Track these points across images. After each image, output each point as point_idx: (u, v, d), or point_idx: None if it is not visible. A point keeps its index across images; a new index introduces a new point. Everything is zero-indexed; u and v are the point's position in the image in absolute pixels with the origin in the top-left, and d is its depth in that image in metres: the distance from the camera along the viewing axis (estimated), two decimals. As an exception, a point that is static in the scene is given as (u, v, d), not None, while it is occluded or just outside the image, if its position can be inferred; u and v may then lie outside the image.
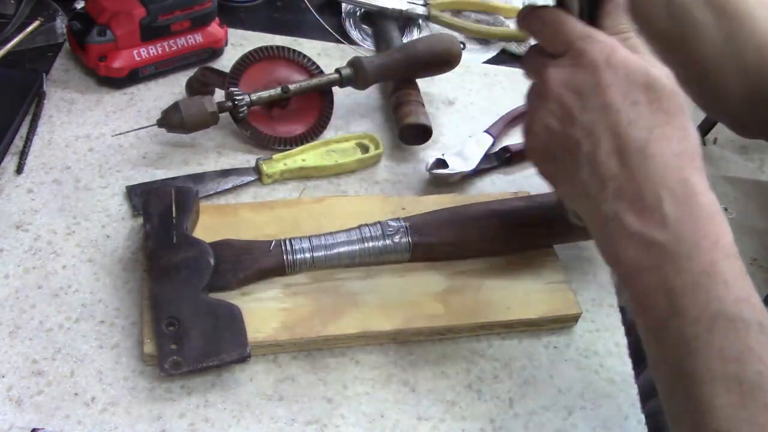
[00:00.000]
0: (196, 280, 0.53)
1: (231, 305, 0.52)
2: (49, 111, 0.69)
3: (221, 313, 0.52)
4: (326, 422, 0.52)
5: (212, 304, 0.52)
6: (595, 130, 0.43)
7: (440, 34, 0.77)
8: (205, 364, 0.50)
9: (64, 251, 0.58)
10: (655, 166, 0.42)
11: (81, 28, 0.71)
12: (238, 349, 0.50)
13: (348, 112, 0.76)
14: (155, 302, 0.52)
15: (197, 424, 0.50)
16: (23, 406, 0.49)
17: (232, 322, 0.51)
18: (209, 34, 0.76)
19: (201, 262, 0.53)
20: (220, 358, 0.50)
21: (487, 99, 0.82)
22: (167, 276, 0.53)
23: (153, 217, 0.56)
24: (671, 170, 0.42)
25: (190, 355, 0.49)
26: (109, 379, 0.51)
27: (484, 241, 0.60)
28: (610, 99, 0.43)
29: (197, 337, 0.50)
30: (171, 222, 0.55)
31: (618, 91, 0.43)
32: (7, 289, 0.55)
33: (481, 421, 0.54)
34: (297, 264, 0.55)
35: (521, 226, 0.61)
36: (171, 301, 0.52)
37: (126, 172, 0.65)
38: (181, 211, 0.56)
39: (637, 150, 0.42)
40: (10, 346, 0.52)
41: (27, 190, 0.62)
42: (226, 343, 0.50)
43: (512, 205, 0.63)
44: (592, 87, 0.43)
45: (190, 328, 0.50)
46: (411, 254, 0.58)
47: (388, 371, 0.55)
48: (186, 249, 0.54)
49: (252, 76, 0.71)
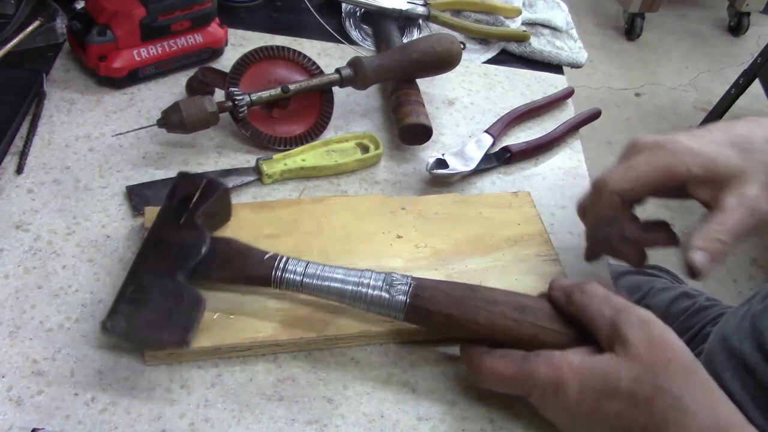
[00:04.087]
0: (181, 262, 0.53)
1: (198, 295, 0.52)
2: (49, 111, 0.69)
3: (185, 298, 0.52)
4: (326, 422, 0.52)
5: (182, 288, 0.52)
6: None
7: (440, 34, 0.77)
8: (142, 338, 0.51)
9: (64, 251, 0.58)
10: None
11: (81, 28, 0.71)
12: (179, 335, 0.50)
13: (348, 112, 0.76)
14: (135, 267, 0.54)
15: (197, 424, 0.50)
16: (23, 406, 0.49)
17: (190, 310, 0.51)
18: (209, 34, 0.76)
19: (193, 248, 0.54)
20: (160, 338, 0.50)
21: (487, 99, 0.82)
22: (157, 250, 0.54)
23: (175, 197, 0.57)
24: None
25: (134, 324, 0.50)
26: (109, 379, 0.51)
27: (488, 327, 0.52)
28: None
29: (151, 311, 0.51)
30: (187, 206, 0.57)
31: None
32: (7, 289, 0.55)
33: (481, 421, 0.54)
34: (284, 282, 0.54)
35: (534, 325, 0.52)
36: (148, 272, 0.53)
37: (126, 172, 0.65)
38: (201, 200, 0.57)
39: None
40: (10, 346, 0.52)
41: (27, 190, 0.62)
42: (172, 326, 0.51)
43: (537, 305, 0.53)
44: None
45: (150, 302, 0.51)
46: (405, 314, 0.53)
47: (388, 371, 0.55)
48: (186, 233, 0.55)
49: (252, 76, 0.71)
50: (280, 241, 0.60)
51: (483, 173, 0.73)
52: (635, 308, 0.49)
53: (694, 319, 0.87)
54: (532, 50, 0.91)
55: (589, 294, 0.51)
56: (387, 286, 0.52)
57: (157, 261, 0.53)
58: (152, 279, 0.52)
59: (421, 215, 0.65)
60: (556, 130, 0.78)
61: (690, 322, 0.86)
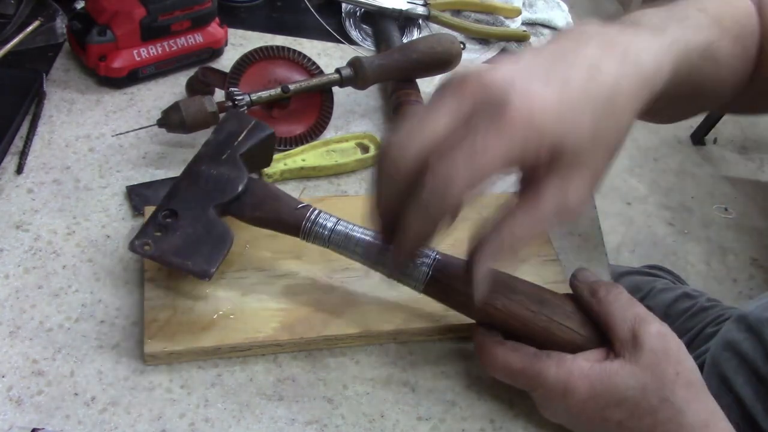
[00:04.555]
0: (216, 195, 0.54)
1: (228, 230, 0.53)
2: (49, 111, 0.69)
3: (215, 231, 0.53)
4: (326, 422, 0.52)
5: (213, 221, 0.53)
6: None
7: (440, 34, 0.77)
8: (168, 260, 0.51)
9: (64, 251, 0.58)
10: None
11: (81, 28, 0.71)
12: (204, 265, 0.51)
13: (348, 112, 0.76)
14: (170, 192, 0.54)
15: (197, 424, 0.50)
16: (23, 406, 0.49)
17: (218, 243, 0.52)
18: (209, 34, 0.76)
19: (231, 184, 0.55)
20: (184, 264, 0.51)
21: (487, 99, 0.82)
22: (196, 179, 0.55)
23: (221, 132, 0.58)
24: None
25: (163, 247, 0.51)
26: (109, 379, 0.51)
27: (504, 313, 0.52)
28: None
29: (180, 237, 0.52)
30: (233, 143, 0.57)
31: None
32: (7, 289, 0.55)
33: (481, 421, 0.54)
34: (312, 234, 0.54)
35: (549, 320, 0.52)
36: (183, 199, 0.54)
37: (126, 172, 0.65)
38: (246, 140, 0.58)
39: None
40: (10, 346, 0.52)
41: (27, 190, 0.62)
42: (198, 256, 0.51)
43: (556, 301, 0.53)
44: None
45: (180, 228, 0.52)
46: (425, 286, 0.53)
47: (388, 371, 0.55)
48: (226, 168, 0.56)
49: (252, 76, 0.71)
50: (280, 241, 0.60)
51: (483, 173, 0.73)
52: (656, 319, 0.50)
53: (695, 320, 0.87)
54: (532, 50, 0.91)
55: (615, 295, 0.51)
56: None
57: (193, 190, 0.55)
58: (186, 207, 0.53)
59: (421, 215, 0.65)
60: (556, 130, 0.78)
61: (691, 323, 0.87)
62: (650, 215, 2.20)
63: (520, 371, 0.50)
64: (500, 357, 0.51)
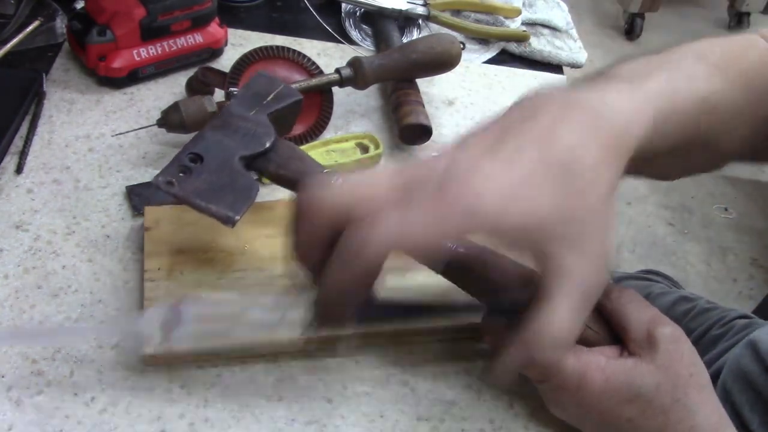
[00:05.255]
0: (243, 147, 0.54)
1: (254, 183, 0.53)
2: (49, 111, 0.69)
3: (240, 181, 0.52)
4: (326, 422, 0.52)
5: (239, 171, 0.53)
6: None
7: (440, 34, 0.77)
8: (192, 201, 0.50)
9: (64, 251, 0.58)
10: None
11: (81, 28, 0.71)
12: (228, 211, 0.50)
13: (348, 112, 0.76)
14: (196, 138, 0.54)
15: (197, 424, 0.50)
16: (23, 406, 0.49)
17: (243, 192, 0.51)
18: (209, 34, 0.76)
19: (259, 138, 0.55)
20: (208, 207, 0.50)
21: (487, 99, 0.82)
22: (224, 128, 0.55)
23: (249, 90, 0.58)
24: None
25: (186, 187, 0.50)
26: (109, 379, 0.51)
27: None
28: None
29: (204, 181, 0.51)
30: (261, 102, 0.57)
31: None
32: (7, 289, 0.55)
33: (481, 421, 0.54)
34: None
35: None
36: (210, 145, 0.53)
37: (126, 172, 0.65)
38: (274, 101, 0.58)
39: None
40: (10, 346, 0.52)
41: (27, 190, 0.62)
42: (222, 201, 0.50)
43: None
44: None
45: (205, 172, 0.51)
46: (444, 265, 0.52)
47: (388, 371, 0.55)
48: (254, 122, 0.55)
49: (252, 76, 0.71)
50: (280, 241, 0.60)
51: (483, 173, 0.73)
52: (670, 322, 0.50)
53: (697, 321, 0.87)
54: (532, 50, 0.91)
55: (629, 296, 0.51)
56: None
57: (220, 138, 0.54)
58: (212, 152, 0.53)
59: (421, 215, 0.65)
60: (556, 130, 0.78)
61: (693, 324, 0.87)
62: (650, 215, 2.21)
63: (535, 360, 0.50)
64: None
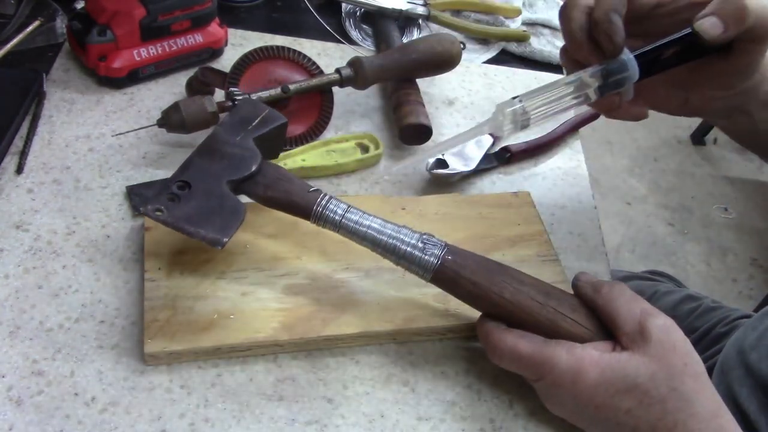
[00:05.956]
0: (230, 172, 0.55)
1: (241, 204, 0.54)
2: (49, 111, 0.69)
3: (228, 204, 0.53)
4: (326, 422, 0.52)
5: (226, 194, 0.54)
6: None
7: (440, 34, 0.77)
8: (181, 227, 0.51)
9: (64, 251, 0.58)
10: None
11: (81, 28, 0.71)
12: (216, 234, 0.51)
13: (348, 112, 0.76)
14: (184, 165, 0.55)
15: (197, 424, 0.50)
16: (23, 406, 0.49)
17: (230, 215, 0.53)
18: (209, 34, 0.76)
19: (245, 162, 0.56)
20: (197, 231, 0.51)
21: (487, 99, 0.82)
22: (210, 155, 0.56)
23: (236, 115, 0.60)
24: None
25: (176, 213, 0.52)
26: (109, 379, 0.51)
27: (512, 303, 0.52)
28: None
29: (193, 207, 0.52)
30: (247, 126, 0.59)
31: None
32: (7, 289, 0.55)
33: (481, 421, 0.54)
34: (323, 218, 0.55)
35: (556, 311, 0.53)
36: (196, 172, 0.55)
37: (126, 172, 0.65)
38: (260, 125, 0.59)
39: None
40: (10, 346, 0.52)
41: (27, 190, 0.62)
42: (211, 225, 0.52)
43: (562, 295, 0.54)
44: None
45: (193, 199, 0.53)
46: (433, 274, 0.53)
47: (388, 371, 0.55)
48: (240, 148, 0.57)
49: (252, 76, 0.71)
50: (280, 241, 0.60)
51: (483, 173, 0.73)
52: (661, 313, 0.50)
53: (702, 320, 0.87)
54: (532, 50, 0.91)
55: (618, 290, 0.52)
56: (421, 244, 0.53)
57: (207, 164, 0.55)
58: (199, 179, 0.54)
59: (421, 215, 0.65)
60: (556, 130, 0.78)
61: (698, 322, 0.87)
62: (650, 215, 2.21)
63: (529, 356, 0.50)
64: (509, 342, 0.51)
